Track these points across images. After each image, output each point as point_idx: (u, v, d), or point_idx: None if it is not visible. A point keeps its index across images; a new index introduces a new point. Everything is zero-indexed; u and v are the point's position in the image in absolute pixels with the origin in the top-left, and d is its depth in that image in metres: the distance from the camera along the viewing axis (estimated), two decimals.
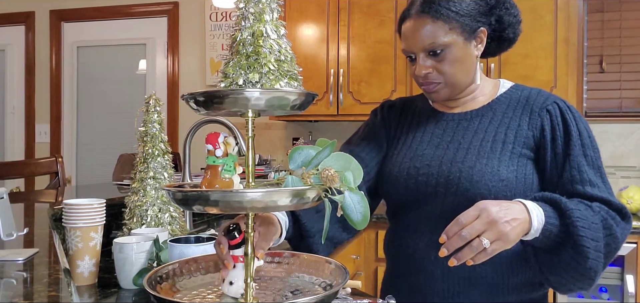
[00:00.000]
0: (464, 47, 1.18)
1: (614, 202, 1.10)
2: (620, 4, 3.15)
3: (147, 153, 1.48)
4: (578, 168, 1.12)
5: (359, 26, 3.16)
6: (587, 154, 1.14)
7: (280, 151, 3.71)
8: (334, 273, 1.01)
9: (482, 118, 1.22)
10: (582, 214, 1.04)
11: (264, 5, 0.86)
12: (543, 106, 1.19)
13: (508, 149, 1.16)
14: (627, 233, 1.11)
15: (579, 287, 1.11)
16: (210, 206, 0.79)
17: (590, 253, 1.03)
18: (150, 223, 1.44)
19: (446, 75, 1.18)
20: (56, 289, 0.86)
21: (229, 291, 0.91)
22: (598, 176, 1.13)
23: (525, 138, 1.17)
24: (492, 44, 1.25)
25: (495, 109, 1.23)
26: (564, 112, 1.17)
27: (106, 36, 4.22)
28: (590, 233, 1.03)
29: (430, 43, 1.16)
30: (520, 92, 1.25)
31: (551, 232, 1.03)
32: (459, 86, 1.21)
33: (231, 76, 0.84)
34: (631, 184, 3.00)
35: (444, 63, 1.17)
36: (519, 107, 1.21)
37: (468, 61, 1.19)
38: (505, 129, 1.18)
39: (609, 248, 1.07)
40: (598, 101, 3.19)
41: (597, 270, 1.06)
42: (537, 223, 1.01)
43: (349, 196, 0.84)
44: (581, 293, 2.54)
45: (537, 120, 1.18)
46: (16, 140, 4.41)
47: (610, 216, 1.08)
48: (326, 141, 0.86)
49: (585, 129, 1.16)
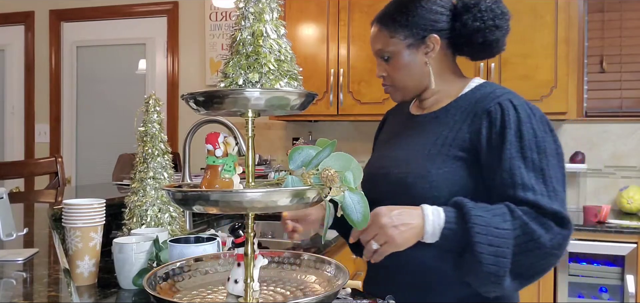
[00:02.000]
0: (410, 54, 1.25)
1: (544, 206, 1.06)
2: (620, 4, 3.15)
3: (146, 153, 1.48)
4: (510, 172, 1.10)
5: (359, 26, 3.16)
6: (526, 157, 1.10)
7: (280, 151, 3.71)
8: (334, 273, 1.01)
9: (436, 120, 1.26)
10: (483, 220, 1.04)
11: (264, 5, 0.86)
12: (485, 107, 1.17)
13: (444, 151, 1.18)
14: (563, 238, 1.06)
15: (487, 290, 1.10)
16: (210, 206, 0.79)
17: (484, 258, 1.03)
18: (150, 223, 1.44)
19: (394, 79, 1.28)
20: (56, 289, 0.86)
21: (234, 289, 0.91)
22: (539, 179, 1.09)
23: (461, 140, 1.17)
24: (465, 48, 1.27)
25: (449, 111, 1.24)
26: (504, 113, 1.14)
27: (106, 36, 4.22)
28: (488, 238, 1.03)
29: (378, 49, 1.28)
30: (479, 92, 1.23)
31: (449, 237, 1.07)
32: (409, 89, 1.28)
33: (231, 75, 0.84)
34: (631, 184, 3.00)
35: (392, 69, 1.27)
36: (467, 109, 1.21)
37: (415, 67, 1.25)
38: (448, 132, 1.20)
39: (533, 255, 1.06)
40: (598, 101, 3.19)
41: (500, 276, 1.05)
42: (432, 228, 1.07)
43: (349, 196, 0.84)
44: (581, 294, 2.54)
45: (477, 122, 1.17)
46: (16, 140, 4.41)
47: (538, 222, 1.05)
48: (326, 141, 0.86)
49: (531, 129, 1.12)
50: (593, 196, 3.15)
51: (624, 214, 2.90)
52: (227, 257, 1.08)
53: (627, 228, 2.51)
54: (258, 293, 0.94)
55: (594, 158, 3.14)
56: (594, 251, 2.53)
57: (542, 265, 1.08)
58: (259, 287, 0.94)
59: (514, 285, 1.09)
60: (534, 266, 1.08)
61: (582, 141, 3.16)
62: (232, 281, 0.92)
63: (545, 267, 1.09)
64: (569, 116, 3.04)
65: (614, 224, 2.56)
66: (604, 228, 2.53)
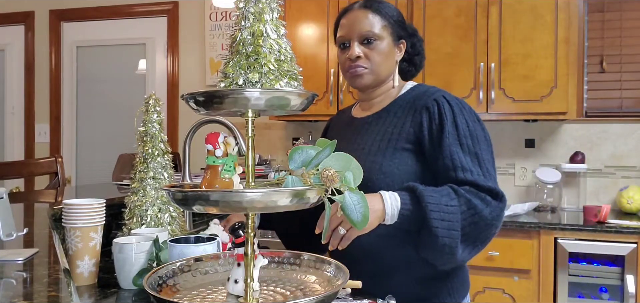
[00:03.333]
0: (390, 47, 1.41)
1: (481, 184, 1.23)
2: (620, 4, 3.15)
3: (146, 153, 1.48)
4: (451, 157, 1.27)
5: None
6: (462, 143, 1.28)
7: (280, 151, 3.71)
8: (334, 273, 1.01)
9: (379, 119, 1.42)
10: (434, 199, 1.19)
11: (264, 5, 0.86)
12: (424, 104, 1.35)
13: (392, 145, 1.33)
14: (500, 210, 1.23)
15: (442, 262, 1.24)
16: (210, 206, 0.79)
17: (439, 232, 1.17)
18: (150, 223, 1.44)
19: (373, 63, 1.39)
20: (56, 289, 0.86)
21: (234, 289, 0.91)
22: (474, 162, 1.26)
23: (407, 133, 1.33)
24: (404, 62, 1.48)
25: (390, 110, 1.41)
26: (441, 108, 1.31)
27: (106, 36, 4.22)
28: (440, 215, 1.17)
29: (367, 31, 1.38)
30: (414, 92, 1.42)
31: (407, 217, 1.20)
32: (380, 76, 1.41)
33: (231, 75, 0.84)
34: (631, 184, 3.00)
35: (374, 52, 1.39)
36: (407, 107, 1.38)
37: (391, 59, 1.42)
38: (392, 128, 1.36)
39: (478, 226, 1.21)
40: (598, 101, 3.19)
41: (453, 247, 1.19)
42: (391, 211, 1.19)
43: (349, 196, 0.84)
44: (581, 294, 2.54)
45: (418, 117, 1.34)
46: (16, 140, 4.41)
47: (478, 197, 1.21)
48: (326, 141, 0.86)
49: (464, 120, 1.30)
50: (593, 196, 3.15)
51: (624, 214, 2.90)
52: (227, 257, 1.08)
53: (627, 228, 2.51)
54: (258, 293, 0.94)
55: (594, 158, 3.14)
56: (594, 251, 2.53)
57: (485, 234, 1.24)
58: (259, 287, 0.94)
59: (464, 255, 1.23)
60: (479, 236, 1.23)
61: (582, 141, 3.16)
62: (232, 281, 0.92)
63: (487, 236, 1.25)
64: (569, 116, 3.04)
65: (614, 224, 2.56)
66: (604, 228, 2.53)
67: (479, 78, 2.93)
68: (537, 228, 2.61)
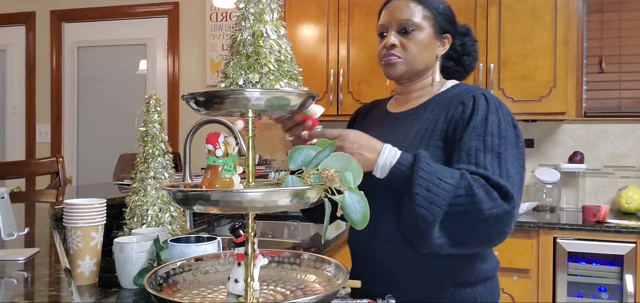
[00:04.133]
0: (430, 38, 1.34)
1: (492, 178, 1.13)
2: (619, 4, 3.16)
3: (147, 152, 1.48)
4: (467, 151, 1.19)
5: (359, 26, 3.16)
6: (486, 140, 1.19)
7: (280, 151, 3.71)
8: (334, 272, 1.02)
9: (414, 116, 1.35)
10: (430, 168, 1.13)
11: (264, 5, 0.86)
12: (461, 99, 1.28)
13: (424, 142, 1.26)
14: (503, 212, 1.12)
15: (417, 237, 1.15)
16: (211, 206, 0.80)
17: (417, 199, 1.10)
18: (151, 223, 1.45)
19: (409, 53, 1.33)
20: (57, 289, 0.87)
21: (234, 289, 0.92)
22: (494, 161, 1.17)
23: (439, 130, 1.27)
24: (450, 61, 1.41)
25: (427, 107, 1.35)
26: (476, 102, 1.25)
27: (107, 36, 4.22)
28: (427, 184, 1.11)
29: (405, 19, 1.33)
30: (454, 90, 1.35)
31: (396, 175, 1.16)
32: (415, 67, 1.34)
33: (231, 76, 0.84)
34: (630, 184, 3.00)
35: (410, 41, 1.33)
36: (444, 104, 1.32)
37: (429, 52, 1.35)
38: (427, 125, 1.30)
39: (469, 216, 1.11)
40: (597, 101, 3.19)
41: (430, 222, 1.10)
42: (382, 163, 1.16)
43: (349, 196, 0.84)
44: (580, 293, 2.55)
45: (451, 111, 1.28)
46: (17, 140, 4.42)
47: (484, 189, 1.12)
48: (326, 141, 0.86)
49: (496, 119, 1.22)
50: (592, 196, 3.16)
51: (622, 214, 2.90)
52: (228, 257, 1.09)
53: (626, 228, 2.51)
54: (258, 292, 0.94)
55: (593, 158, 3.15)
56: (593, 251, 2.53)
57: (477, 230, 1.13)
58: (259, 287, 0.95)
59: (441, 241, 1.13)
60: (469, 231, 1.13)
61: (581, 141, 3.17)
62: (232, 280, 0.92)
63: (479, 236, 1.14)
64: (568, 116, 3.04)
65: (613, 224, 2.56)
66: (603, 228, 2.53)
67: (479, 78, 2.94)
68: (536, 228, 2.61)
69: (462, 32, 1.41)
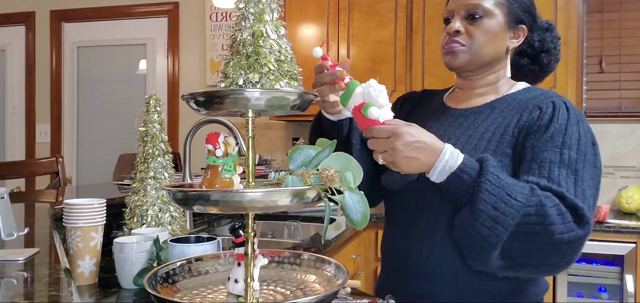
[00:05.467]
0: (501, 27, 1.19)
1: (568, 198, 1.00)
2: (620, 4, 3.16)
3: (147, 153, 1.48)
4: (540, 162, 1.05)
5: (359, 26, 3.16)
6: (563, 153, 1.05)
7: (280, 151, 3.71)
8: (334, 272, 1.02)
9: (478, 115, 1.20)
10: (498, 181, 0.98)
11: (264, 5, 0.86)
12: (537, 103, 1.14)
13: (491, 147, 1.12)
14: (575, 237, 0.99)
15: (472, 256, 1.04)
16: (211, 206, 0.80)
17: (481, 216, 0.97)
18: (151, 223, 1.45)
19: (474, 41, 1.18)
20: (57, 289, 0.87)
21: (234, 289, 0.92)
22: (570, 177, 1.03)
23: (510, 136, 1.12)
24: (525, 58, 1.26)
25: (495, 107, 1.20)
26: (556, 110, 1.11)
27: (106, 36, 4.23)
28: (493, 199, 0.97)
29: (475, 4, 1.17)
30: (529, 93, 1.20)
31: (454, 182, 1.01)
32: (481, 58, 1.19)
33: (231, 76, 0.84)
34: (630, 184, 3.00)
35: (477, 29, 1.17)
36: (517, 106, 1.17)
37: (498, 42, 1.19)
38: (495, 127, 1.15)
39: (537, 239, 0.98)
40: (597, 101, 3.19)
41: (491, 243, 0.98)
42: (441, 166, 1.01)
43: (349, 196, 0.84)
44: (580, 293, 2.55)
45: (526, 116, 1.13)
46: (17, 140, 4.42)
47: (557, 209, 0.98)
48: (326, 141, 0.86)
49: (577, 132, 1.08)
50: None
51: (623, 214, 2.90)
52: (227, 257, 1.09)
53: (626, 228, 2.51)
54: (258, 292, 0.94)
55: None
56: (593, 251, 2.53)
57: (543, 257, 1.00)
58: (259, 287, 0.94)
59: (499, 264, 1.01)
60: (533, 255, 1.00)
61: None
62: (232, 280, 0.92)
63: (544, 262, 1.01)
64: None
65: (613, 224, 2.56)
66: (603, 228, 2.53)
67: None
68: None
69: (542, 26, 1.25)
